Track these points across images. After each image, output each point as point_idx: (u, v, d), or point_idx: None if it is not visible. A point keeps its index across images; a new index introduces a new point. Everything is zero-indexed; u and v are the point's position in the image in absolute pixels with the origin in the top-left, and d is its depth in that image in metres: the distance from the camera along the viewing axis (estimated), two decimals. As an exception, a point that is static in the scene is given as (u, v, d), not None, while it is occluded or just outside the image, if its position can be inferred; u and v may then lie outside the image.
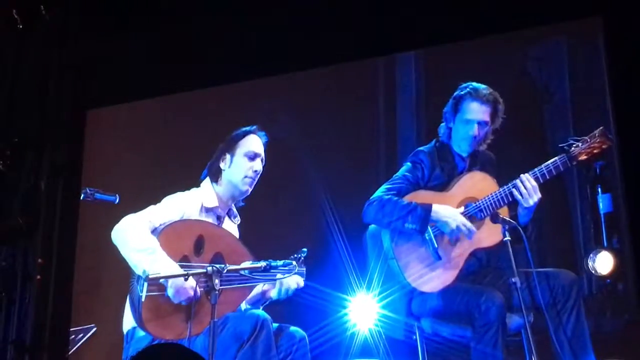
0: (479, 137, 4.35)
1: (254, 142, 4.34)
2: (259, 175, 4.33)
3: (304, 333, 4.10)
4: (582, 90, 5.31)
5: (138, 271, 3.87)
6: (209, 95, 5.33)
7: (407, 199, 4.28)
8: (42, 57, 4.31)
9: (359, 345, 4.94)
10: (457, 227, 4.18)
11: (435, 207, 4.20)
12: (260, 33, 4.60)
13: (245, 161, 4.29)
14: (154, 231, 4.02)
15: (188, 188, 4.30)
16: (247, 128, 4.37)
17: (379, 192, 4.34)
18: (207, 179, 4.33)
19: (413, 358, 4.35)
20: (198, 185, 4.34)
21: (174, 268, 3.88)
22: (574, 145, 4.17)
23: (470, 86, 4.37)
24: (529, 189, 4.14)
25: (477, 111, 4.32)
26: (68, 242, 4.17)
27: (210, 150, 4.40)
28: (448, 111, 4.42)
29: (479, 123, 4.33)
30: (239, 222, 4.40)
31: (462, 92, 4.36)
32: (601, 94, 4.84)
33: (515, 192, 4.16)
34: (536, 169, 4.17)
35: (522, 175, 4.17)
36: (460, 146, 4.39)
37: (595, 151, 4.16)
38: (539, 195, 4.15)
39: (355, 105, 5.73)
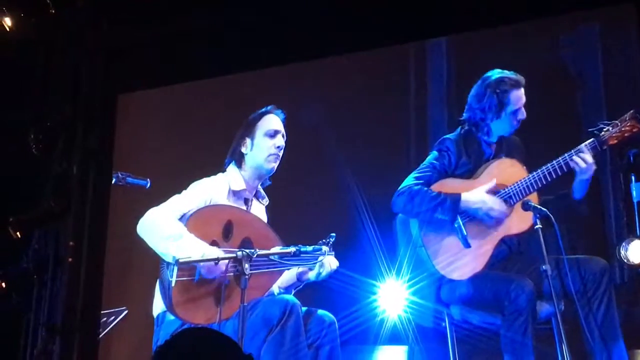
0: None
1: (273, 121, 4.33)
2: (282, 151, 4.31)
3: (333, 318, 4.09)
4: (615, 77, 5.27)
5: (167, 259, 3.88)
6: (239, 80, 5.34)
7: (434, 187, 4.26)
8: (75, 42, 4.34)
9: (388, 331, 4.94)
10: (486, 214, 4.17)
11: (464, 196, 4.19)
12: (290, 18, 4.59)
13: (266, 140, 4.27)
14: (181, 218, 4.02)
15: (215, 173, 4.31)
16: (263, 109, 4.36)
17: (407, 182, 4.31)
18: (232, 164, 4.33)
19: (442, 345, 4.35)
20: (224, 171, 4.34)
21: (204, 249, 3.88)
22: (604, 130, 4.13)
23: (505, 76, 4.31)
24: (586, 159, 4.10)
25: (520, 97, 4.30)
26: (99, 226, 4.19)
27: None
28: (492, 108, 4.32)
29: (524, 106, 4.32)
30: (267, 202, 4.40)
31: (504, 87, 4.29)
32: (634, 80, 4.80)
33: (573, 163, 4.11)
34: (565, 154, 4.13)
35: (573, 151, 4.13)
36: (504, 132, 4.36)
37: (626, 135, 4.12)
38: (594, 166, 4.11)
39: (385, 91, 5.72)
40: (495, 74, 4.35)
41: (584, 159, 4.08)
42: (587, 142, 4.12)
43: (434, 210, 4.18)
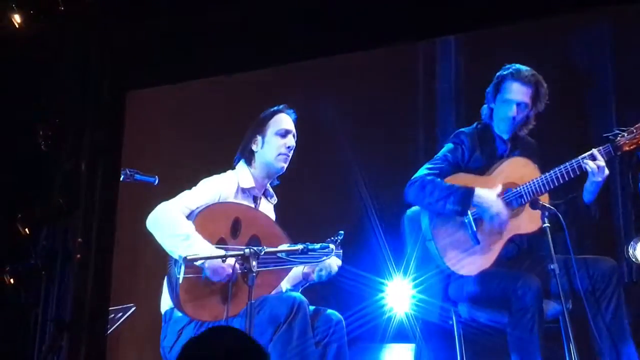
0: (517, 118, 4.32)
1: (284, 120, 4.33)
2: (292, 151, 4.31)
3: (340, 316, 4.10)
4: (626, 76, 5.25)
5: (174, 256, 3.90)
6: (248, 78, 5.34)
7: (447, 181, 4.26)
8: (83, 39, 4.34)
9: (395, 329, 4.95)
10: (494, 217, 4.16)
11: (478, 191, 4.18)
12: (298, 15, 4.59)
13: (277, 139, 4.28)
14: (190, 215, 4.03)
15: (225, 170, 4.31)
16: (275, 108, 4.36)
17: (420, 172, 4.33)
18: (242, 161, 4.34)
19: (449, 343, 4.34)
20: (233, 168, 4.35)
21: (211, 251, 3.89)
22: (619, 135, 4.12)
23: (513, 67, 4.33)
24: (599, 164, 4.08)
25: (517, 92, 4.28)
26: (108, 222, 4.19)
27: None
28: (490, 91, 4.39)
29: (518, 104, 4.29)
30: (276, 201, 4.41)
31: (504, 72, 4.33)
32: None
33: (586, 166, 4.09)
34: (579, 157, 4.12)
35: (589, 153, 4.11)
36: (500, 127, 4.37)
37: None
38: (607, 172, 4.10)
39: (394, 88, 5.71)
40: (512, 65, 4.36)
41: (597, 163, 4.07)
42: (601, 147, 4.11)
43: (446, 199, 4.17)
